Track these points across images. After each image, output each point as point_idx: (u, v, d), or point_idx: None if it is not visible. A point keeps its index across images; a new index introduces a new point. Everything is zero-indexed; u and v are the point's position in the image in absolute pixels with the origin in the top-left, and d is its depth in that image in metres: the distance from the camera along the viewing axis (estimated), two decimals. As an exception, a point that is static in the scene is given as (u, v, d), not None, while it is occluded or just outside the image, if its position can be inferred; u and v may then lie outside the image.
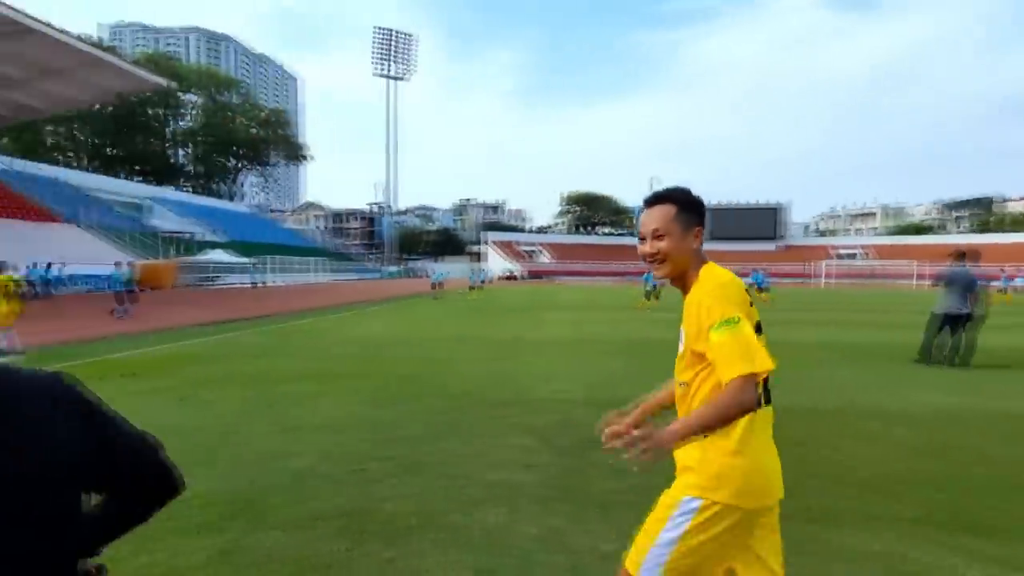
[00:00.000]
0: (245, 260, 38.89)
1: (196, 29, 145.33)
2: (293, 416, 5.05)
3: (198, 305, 19.03)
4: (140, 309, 14.86)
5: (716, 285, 1.39)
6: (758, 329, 1.39)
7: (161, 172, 61.67)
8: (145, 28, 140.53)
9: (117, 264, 15.54)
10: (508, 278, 64.27)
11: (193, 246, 38.61)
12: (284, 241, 55.89)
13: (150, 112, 58.76)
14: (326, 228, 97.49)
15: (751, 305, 1.41)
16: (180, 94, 58.75)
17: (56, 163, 48.95)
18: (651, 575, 1.37)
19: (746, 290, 1.42)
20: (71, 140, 58.38)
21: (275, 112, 71.22)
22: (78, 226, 32.93)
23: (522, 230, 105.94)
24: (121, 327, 11.91)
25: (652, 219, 1.48)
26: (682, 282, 1.50)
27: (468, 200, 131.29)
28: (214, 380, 6.53)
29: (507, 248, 79.11)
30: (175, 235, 39.16)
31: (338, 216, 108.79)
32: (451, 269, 66.32)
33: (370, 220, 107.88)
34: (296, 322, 13.90)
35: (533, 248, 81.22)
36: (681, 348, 1.46)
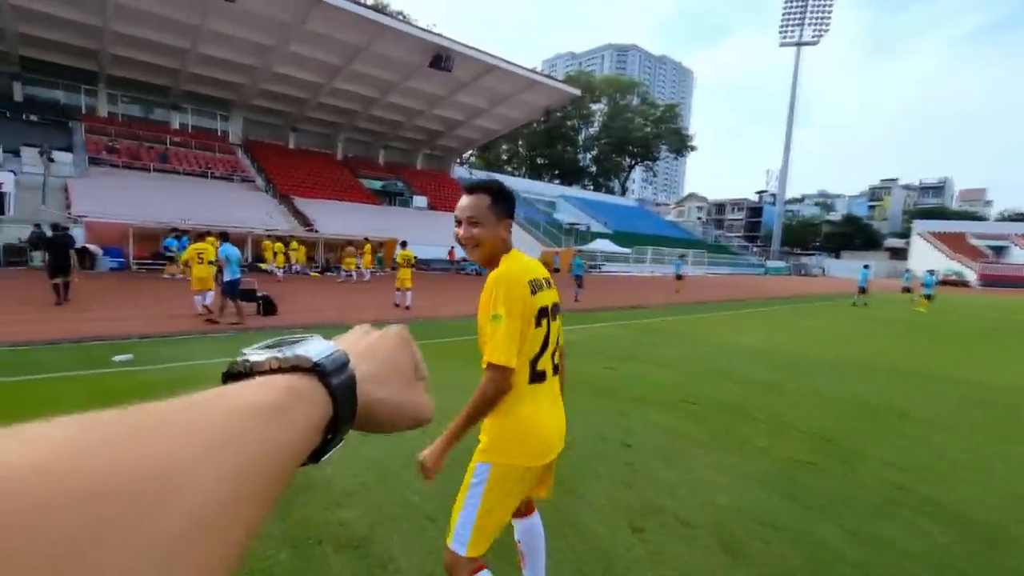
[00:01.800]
0: (626, 250, 41.39)
1: (609, 46, 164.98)
2: (646, 477, 3.61)
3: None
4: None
5: (496, 278, 1.59)
6: (544, 313, 1.64)
7: (569, 174, 72.81)
8: (572, 56, 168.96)
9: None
10: (952, 283, 47.15)
11: (587, 235, 43.57)
12: (663, 232, 57.02)
13: (568, 124, 69.81)
14: (706, 219, 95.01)
15: (541, 290, 1.65)
16: (591, 104, 67.96)
17: (505, 172, 64.56)
18: (462, 539, 1.58)
19: (532, 281, 1.62)
20: (516, 155, 75.92)
21: (668, 108, 73.23)
22: (512, 221, 41.77)
23: (979, 217, 76.51)
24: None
25: (469, 206, 1.63)
26: (492, 267, 1.66)
27: (889, 181, 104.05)
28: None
29: (952, 242, 58.37)
30: (574, 226, 45.07)
31: (719, 207, 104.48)
32: (855, 267, 53.65)
33: (754, 210, 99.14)
34: (663, 318, 12.78)
35: (1004, 242, 57.11)
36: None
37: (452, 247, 28.74)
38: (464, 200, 1.64)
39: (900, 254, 70.35)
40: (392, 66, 29.57)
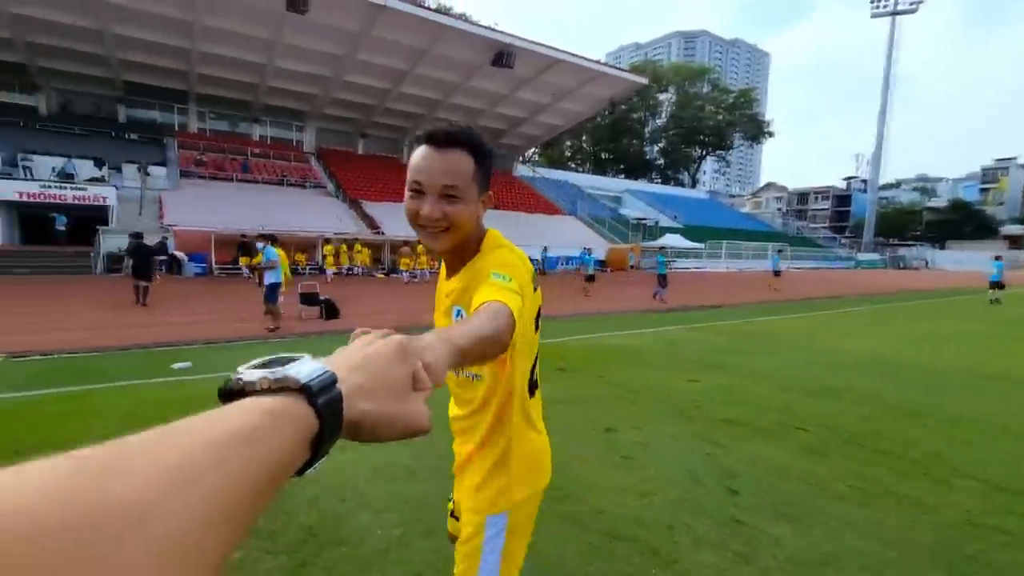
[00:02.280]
0: (698, 245, 39.15)
1: (676, 34, 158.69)
2: (768, 544, 2.74)
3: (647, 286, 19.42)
4: (596, 289, 15.89)
5: (501, 260, 1.11)
6: (539, 315, 1.26)
7: (635, 167, 70.42)
8: (637, 46, 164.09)
9: (588, 250, 17.24)
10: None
11: (655, 231, 41.69)
12: (737, 225, 53.61)
13: (634, 116, 67.55)
14: (786, 210, 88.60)
15: (535, 290, 1.21)
16: (658, 95, 65.46)
17: (569, 168, 63.54)
18: None
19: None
20: (580, 151, 74.67)
21: (742, 93, 69.06)
22: (576, 217, 40.80)
23: None
24: (589, 305, 12.71)
25: (442, 170, 1.06)
26: (459, 255, 1.19)
27: (1006, 161, 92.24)
28: (636, 395, 5.12)
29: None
30: (640, 221, 43.29)
31: (801, 196, 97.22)
32: (967, 258, 47.95)
33: (841, 199, 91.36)
34: (748, 320, 11.49)
35: None
36: None
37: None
38: (431, 159, 1.08)
39: (1021, 242, 61.97)
40: (455, 67, 29.60)
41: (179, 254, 18.63)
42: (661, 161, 73.46)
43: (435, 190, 1.07)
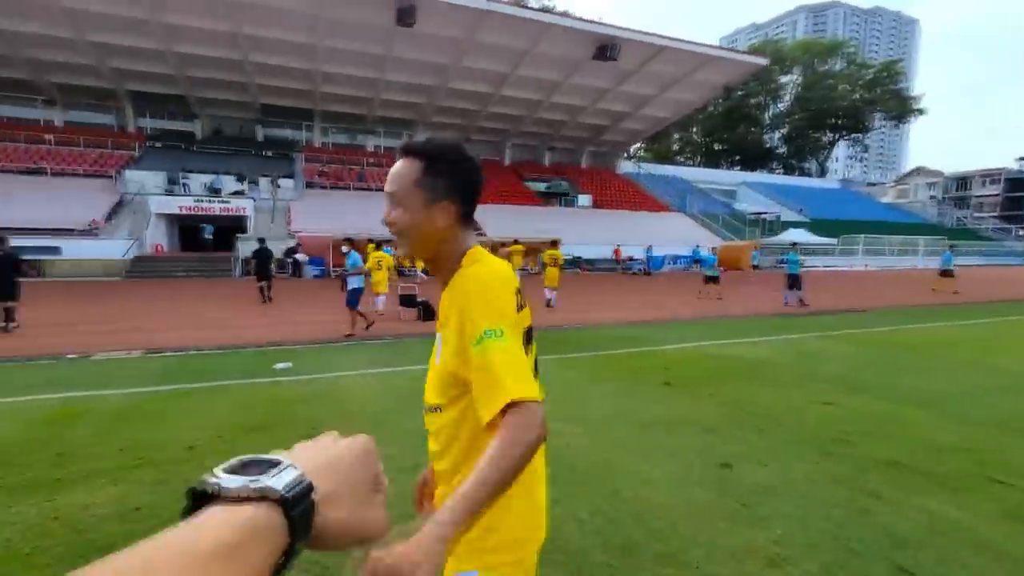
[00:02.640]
0: (829, 241, 34.83)
1: (801, 8, 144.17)
2: None
3: (769, 285, 17.40)
4: (713, 291, 14.49)
5: (481, 285, 1.04)
6: (528, 338, 1.08)
7: (753, 158, 64.82)
8: (756, 27, 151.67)
9: (712, 249, 15.88)
10: None
11: (776, 225, 37.86)
12: (877, 217, 47.04)
13: (752, 102, 62.30)
14: (942, 199, 76.05)
15: (524, 307, 1.09)
16: (780, 77, 59.78)
17: (677, 163, 60.27)
18: None
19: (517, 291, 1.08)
20: (689, 143, 70.60)
21: (885, 66, 60.62)
22: (684, 214, 38.40)
23: None
24: (700, 309, 11.59)
25: (391, 177, 1.13)
26: (438, 270, 1.15)
27: None
28: (759, 420, 4.25)
29: None
30: (759, 216, 39.58)
31: (961, 181, 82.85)
32: None
33: (1015, 182, 76.45)
34: (900, 327, 9.61)
35: None
36: (439, 360, 1.09)
37: (619, 245, 27.18)
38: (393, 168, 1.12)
39: None
40: (556, 65, 29.23)
41: (300, 257, 20.27)
42: (783, 149, 66.94)
43: (386, 196, 1.14)
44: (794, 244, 14.17)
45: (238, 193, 25.97)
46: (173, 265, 21.06)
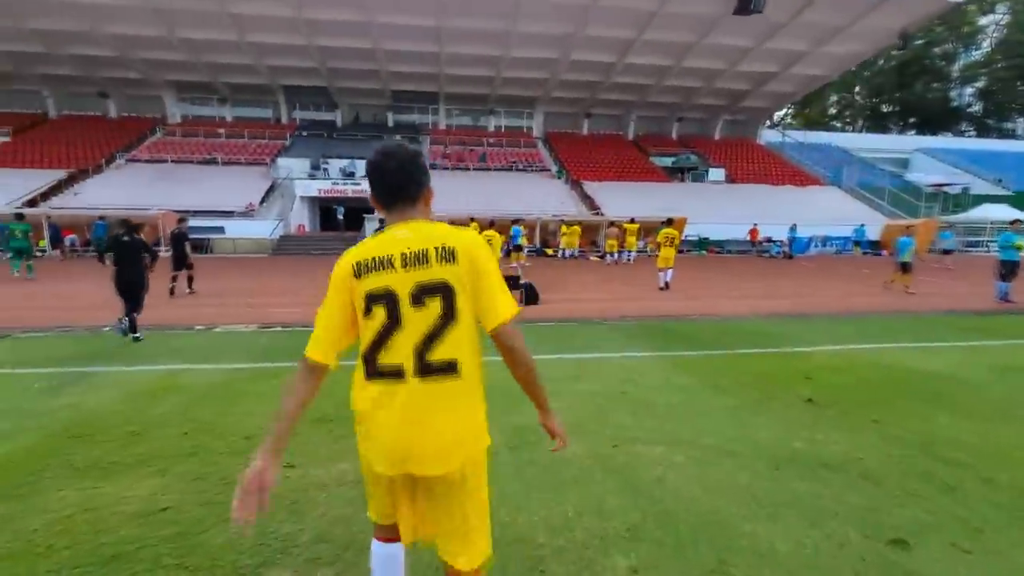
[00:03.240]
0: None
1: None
2: None
3: (955, 275, 14.02)
4: (889, 280, 12.02)
5: None
6: (376, 299, 1.35)
7: (932, 119, 53.98)
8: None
9: (908, 228, 13.16)
10: None
11: (963, 199, 31.08)
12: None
13: (936, 51, 51.84)
14: None
15: (376, 271, 1.36)
16: (979, 18, 48.76)
17: (833, 128, 52.41)
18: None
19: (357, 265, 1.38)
20: (849, 106, 61.04)
21: None
22: (839, 187, 33.21)
23: None
24: (874, 302, 9.58)
25: None
26: None
27: None
28: (950, 469, 2.98)
29: None
30: (940, 188, 32.81)
31: None
32: None
33: None
34: None
35: None
36: None
37: (755, 225, 24.17)
38: None
39: None
40: (689, 24, 26.54)
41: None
42: (977, 107, 54.82)
43: None
44: (1014, 221, 10.99)
45: (369, 176, 27.68)
46: (311, 243, 23.15)
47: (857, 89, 56.85)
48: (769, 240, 23.85)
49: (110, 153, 28.88)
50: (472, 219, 10.46)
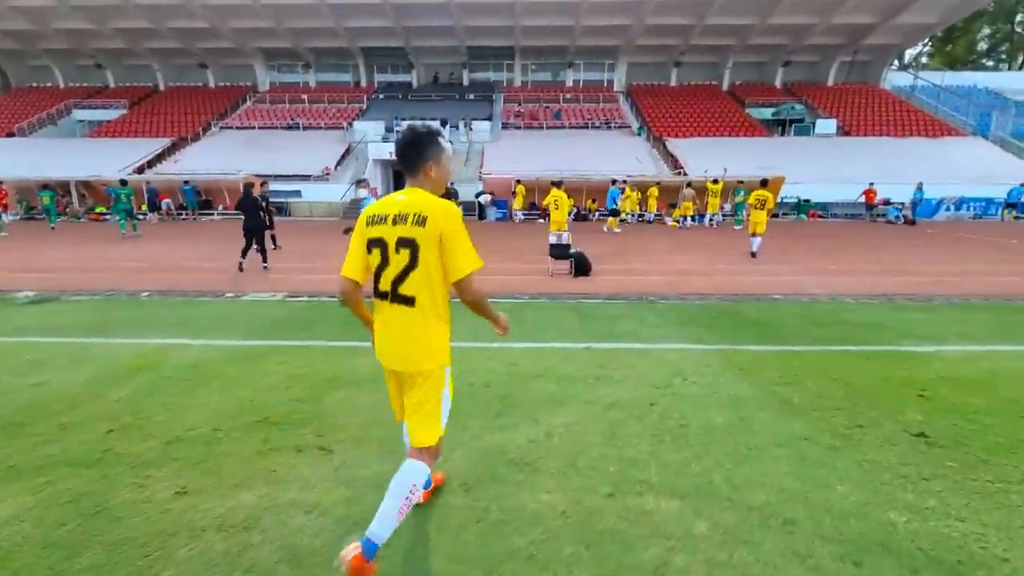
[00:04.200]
0: None
1: None
2: None
3: None
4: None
5: None
6: (375, 244, 1.86)
7: None
8: None
9: None
10: None
11: None
12: None
13: None
14: None
15: (377, 224, 1.85)
16: None
17: (983, 68, 43.93)
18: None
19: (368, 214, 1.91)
20: (1008, 39, 50.82)
21: None
22: (984, 138, 27.75)
23: None
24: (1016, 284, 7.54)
25: None
26: None
27: None
28: None
29: None
30: None
31: None
32: None
33: None
34: None
35: None
36: None
37: (872, 184, 20.71)
38: None
39: None
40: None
41: (483, 199, 20.22)
42: None
43: None
44: None
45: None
46: (381, 206, 23.28)
47: (1019, 18, 46.83)
48: (887, 202, 20.39)
49: (207, 121, 30.77)
50: (555, 184, 10.17)
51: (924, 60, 47.39)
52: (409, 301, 1.83)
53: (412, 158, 1.86)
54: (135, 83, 35.64)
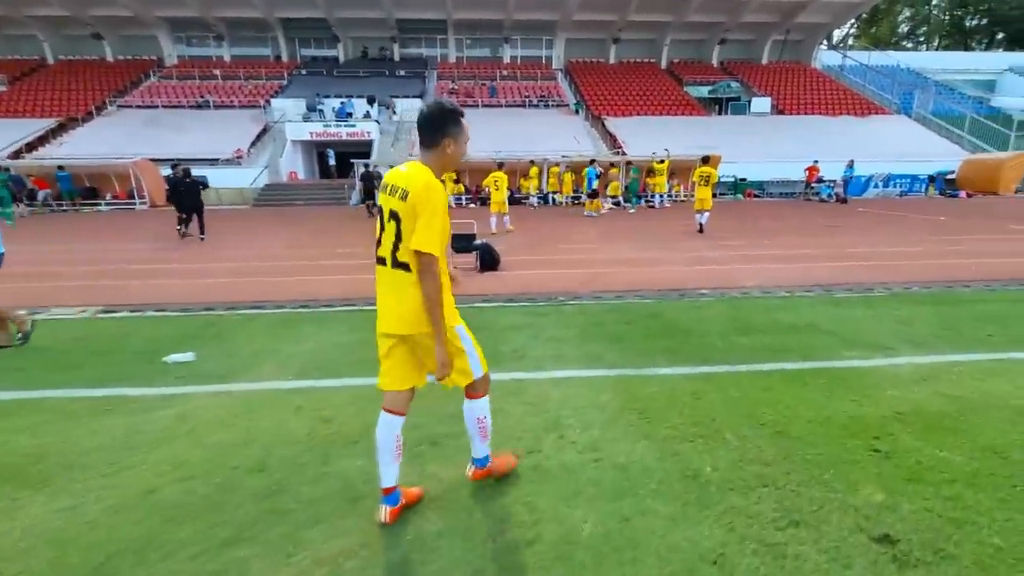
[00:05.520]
0: None
1: None
2: None
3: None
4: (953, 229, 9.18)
5: None
6: (381, 210, 1.94)
7: (1031, 33, 46.06)
8: None
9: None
10: None
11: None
12: None
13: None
14: None
15: (384, 192, 1.92)
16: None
17: (903, 48, 45.60)
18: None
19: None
20: (925, 20, 53.16)
21: None
22: (908, 116, 28.53)
23: None
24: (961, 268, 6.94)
25: None
26: None
27: None
28: None
29: None
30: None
31: None
32: None
33: None
34: None
35: None
36: None
37: (815, 162, 20.44)
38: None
39: None
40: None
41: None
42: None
43: None
44: None
45: (367, 117, 25.21)
46: (297, 192, 21.22)
47: (935, 0, 48.95)
48: (820, 181, 20.37)
49: (102, 99, 27.31)
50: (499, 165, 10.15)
51: (851, 42, 48.77)
52: (406, 267, 1.89)
53: (432, 131, 1.89)
54: (17, 56, 31.24)
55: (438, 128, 1.86)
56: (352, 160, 20.99)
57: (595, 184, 15.51)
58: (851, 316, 4.82)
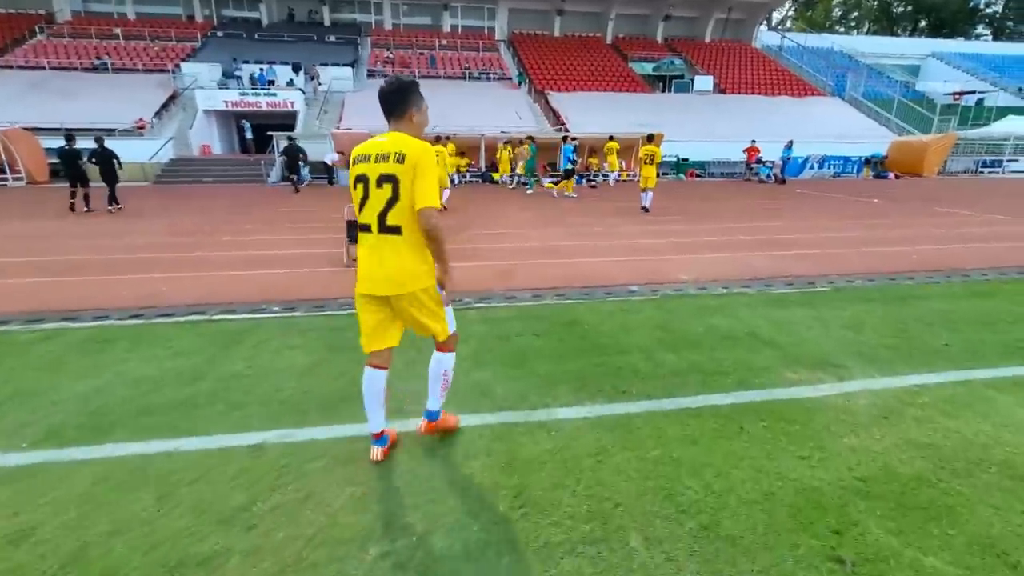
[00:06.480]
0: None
1: None
2: None
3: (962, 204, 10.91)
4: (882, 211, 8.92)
5: None
6: (358, 180, 2.03)
7: (949, 21, 48.48)
8: None
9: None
10: None
11: (983, 112, 27.41)
12: None
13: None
14: None
15: (361, 162, 2.03)
16: None
17: (836, 32, 46.89)
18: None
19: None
20: (857, 6, 55.00)
21: None
22: (841, 98, 29.17)
23: None
24: (895, 258, 6.49)
25: None
26: None
27: None
28: None
29: None
30: (957, 98, 28.98)
31: None
32: None
33: None
34: None
35: None
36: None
37: (753, 141, 20.20)
38: None
39: None
40: None
41: (330, 159, 17.16)
42: (997, 6, 49.28)
43: None
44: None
45: (291, 85, 23.04)
46: (206, 169, 19.07)
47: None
48: (759, 161, 20.31)
49: (-26, 58, 23.64)
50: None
51: (788, 24, 49.77)
52: (396, 230, 1.98)
53: (397, 103, 2.04)
54: None
55: (403, 100, 2.03)
56: (269, 133, 19.00)
57: (571, 162, 14.20)
58: (793, 320, 4.18)
